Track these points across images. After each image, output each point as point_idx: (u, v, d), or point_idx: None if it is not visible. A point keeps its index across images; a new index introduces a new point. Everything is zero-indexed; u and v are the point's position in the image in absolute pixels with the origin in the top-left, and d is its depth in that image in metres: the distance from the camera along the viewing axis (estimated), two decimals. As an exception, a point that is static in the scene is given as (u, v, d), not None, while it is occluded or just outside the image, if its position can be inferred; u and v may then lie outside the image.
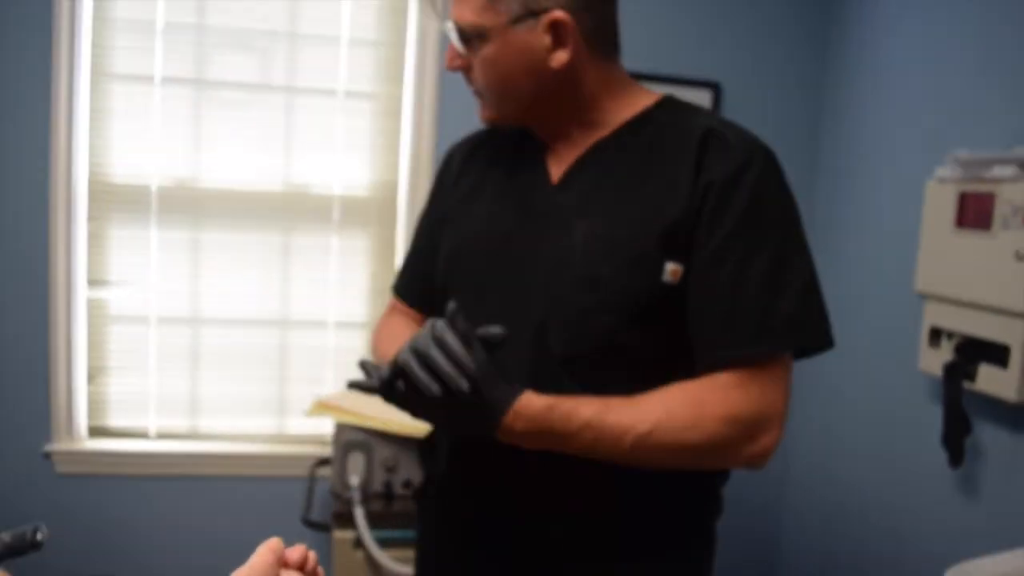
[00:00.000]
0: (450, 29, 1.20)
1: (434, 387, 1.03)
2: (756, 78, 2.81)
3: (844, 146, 2.73)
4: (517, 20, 1.16)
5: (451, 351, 1.03)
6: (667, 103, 1.25)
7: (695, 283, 1.13)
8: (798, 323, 1.12)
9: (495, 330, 1.07)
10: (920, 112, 2.36)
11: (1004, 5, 2.06)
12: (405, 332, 1.36)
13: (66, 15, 2.40)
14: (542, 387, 1.11)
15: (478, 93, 1.26)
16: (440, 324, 1.06)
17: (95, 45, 2.49)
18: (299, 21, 2.61)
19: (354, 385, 1.11)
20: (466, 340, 1.05)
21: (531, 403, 1.09)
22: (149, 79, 2.54)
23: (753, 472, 1.19)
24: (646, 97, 1.26)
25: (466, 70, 1.24)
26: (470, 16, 1.17)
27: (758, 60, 2.81)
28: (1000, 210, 1.89)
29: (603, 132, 1.23)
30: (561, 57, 1.17)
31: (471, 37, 1.19)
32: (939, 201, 2.09)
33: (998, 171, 1.90)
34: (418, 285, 1.44)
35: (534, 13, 1.15)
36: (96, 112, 2.52)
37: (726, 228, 1.11)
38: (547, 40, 1.16)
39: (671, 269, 1.13)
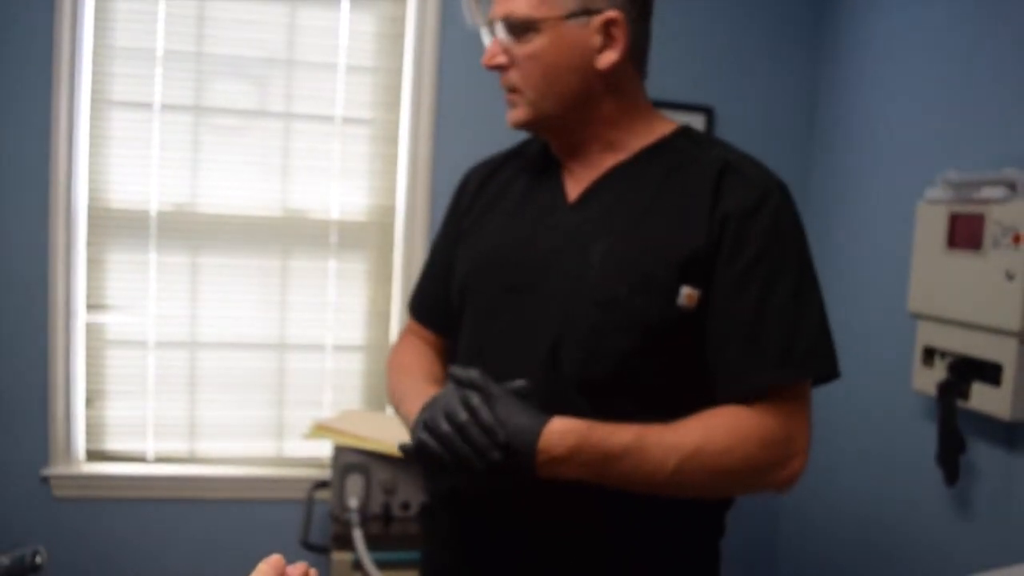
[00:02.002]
0: (496, 22, 1.20)
1: (471, 456, 1.06)
2: (749, 103, 2.84)
3: (837, 168, 2.76)
4: (571, 16, 1.18)
5: (482, 421, 1.06)
6: (685, 133, 1.28)
7: (717, 312, 1.15)
8: (816, 352, 1.16)
9: (520, 383, 1.10)
10: (910, 134, 2.39)
11: (992, 29, 2.10)
12: (418, 361, 1.40)
13: (67, 43, 2.43)
14: (553, 406, 1.11)
15: (515, 92, 1.23)
16: (470, 393, 1.09)
17: (95, 72, 2.52)
18: (297, 48, 2.64)
19: (404, 449, 1.15)
20: (489, 398, 1.09)
21: (566, 425, 1.09)
22: (148, 106, 2.56)
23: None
24: (664, 125, 1.28)
25: (505, 68, 1.23)
26: (524, 8, 1.18)
27: (750, 85, 2.84)
28: (990, 230, 1.91)
29: (621, 156, 1.25)
30: (610, 57, 1.19)
31: (521, 30, 1.18)
32: (930, 222, 2.11)
33: (987, 192, 1.93)
34: (432, 305, 1.44)
35: (588, 11, 1.18)
36: (96, 138, 2.54)
37: (746, 259, 1.14)
38: (598, 40, 1.19)
39: (686, 293, 1.14)
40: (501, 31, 1.20)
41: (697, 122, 2.77)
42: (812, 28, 2.87)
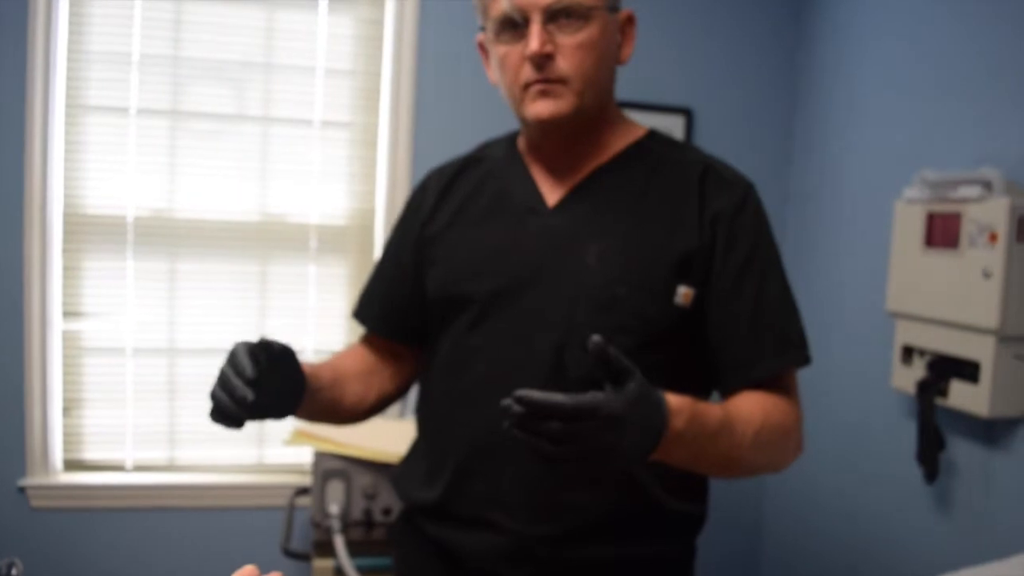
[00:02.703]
0: (550, 10, 1.17)
1: (224, 399, 1.07)
2: (728, 104, 2.86)
3: (815, 169, 2.77)
4: (612, 8, 1.22)
5: (238, 363, 1.08)
6: (655, 136, 1.32)
7: (718, 308, 1.21)
8: (804, 337, 1.26)
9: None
10: (888, 134, 2.41)
11: (969, 30, 2.12)
12: (339, 356, 1.41)
13: (41, 48, 2.41)
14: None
15: (560, 82, 1.19)
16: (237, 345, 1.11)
17: (70, 77, 2.49)
18: (274, 52, 2.63)
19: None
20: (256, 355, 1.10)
21: (676, 401, 1.04)
22: (124, 111, 2.54)
23: (730, 489, 1.23)
24: (636, 128, 1.32)
25: (548, 57, 1.19)
26: None
27: (729, 86, 2.86)
28: (967, 229, 1.93)
29: (600, 159, 1.27)
30: (628, 52, 1.26)
31: (577, 17, 1.18)
32: (908, 221, 2.13)
33: (964, 191, 1.94)
34: (389, 311, 1.42)
35: (615, 8, 1.23)
36: (71, 144, 2.51)
37: (739, 256, 1.21)
38: (619, 36, 1.24)
39: (683, 292, 1.19)
40: (548, 19, 1.17)
41: (676, 123, 2.78)
42: (790, 29, 2.88)
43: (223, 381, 1.08)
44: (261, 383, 1.06)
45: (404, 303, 1.38)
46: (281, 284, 2.69)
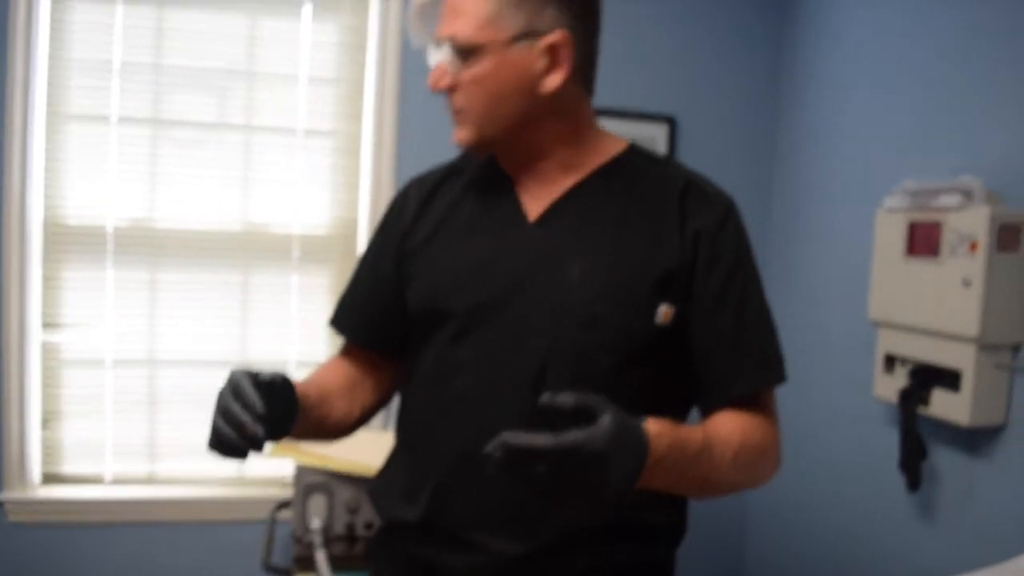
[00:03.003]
0: (440, 46, 1.19)
1: (229, 432, 1.04)
2: (711, 112, 2.87)
3: (798, 177, 2.79)
4: (516, 39, 1.16)
5: (245, 396, 1.05)
6: (636, 150, 1.30)
7: (699, 327, 1.20)
8: (782, 357, 1.25)
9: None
10: (870, 143, 2.42)
11: (949, 41, 2.14)
12: (320, 371, 1.39)
13: (21, 55, 2.39)
14: (541, 428, 1.10)
15: (459, 113, 1.22)
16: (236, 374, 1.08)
17: (51, 85, 2.48)
18: (257, 59, 2.62)
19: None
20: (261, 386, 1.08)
21: (657, 426, 1.03)
22: (105, 119, 2.52)
23: (715, 500, 1.22)
24: (615, 142, 1.30)
25: (450, 90, 1.21)
26: (468, 31, 1.16)
27: (712, 95, 2.87)
28: (947, 238, 1.94)
29: (580, 174, 1.25)
30: (554, 81, 1.18)
31: (465, 53, 1.17)
32: (889, 230, 2.13)
33: (944, 200, 1.95)
34: (363, 321, 1.40)
35: (534, 34, 1.17)
36: (51, 152, 2.49)
37: (721, 274, 1.20)
38: (543, 63, 1.17)
39: (663, 311, 1.17)
40: (446, 53, 1.19)
41: (659, 132, 2.79)
42: (772, 38, 2.90)
43: (229, 415, 1.05)
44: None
45: (383, 313, 1.36)
46: (263, 294, 2.68)
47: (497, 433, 1.02)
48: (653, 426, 1.03)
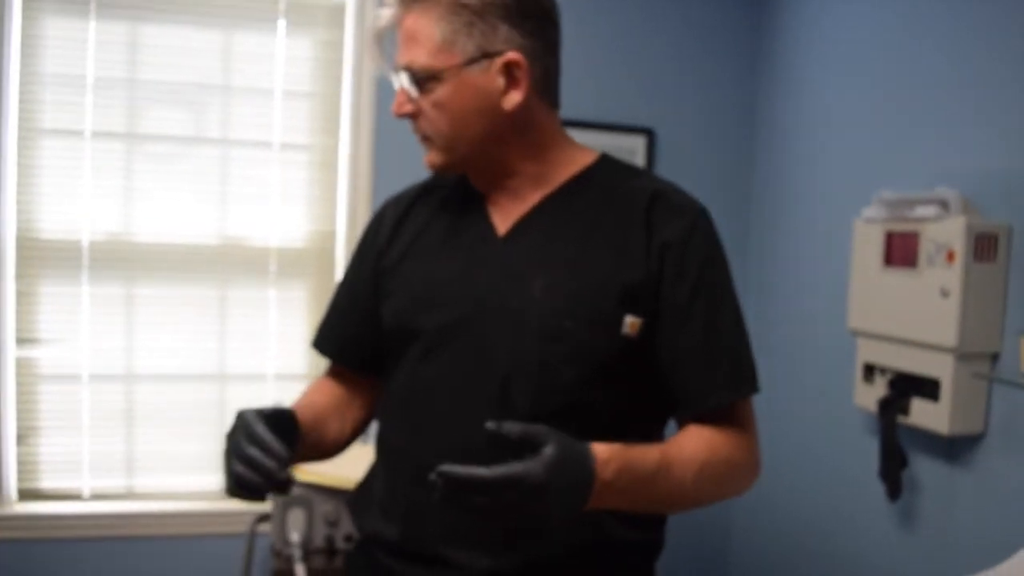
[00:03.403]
0: (400, 73, 1.20)
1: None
2: (689, 124, 2.87)
3: (776, 188, 2.79)
4: (471, 61, 1.17)
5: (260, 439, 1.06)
6: (606, 161, 1.31)
7: (669, 338, 1.19)
8: (754, 369, 1.25)
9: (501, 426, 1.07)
10: (848, 154, 2.43)
11: (925, 52, 2.14)
12: (308, 393, 1.39)
13: (-8, 70, 2.37)
14: (505, 444, 1.09)
15: (426, 139, 1.24)
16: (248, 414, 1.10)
17: (23, 100, 2.45)
18: (232, 74, 2.61)
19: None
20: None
21: (605, 451, 1.06)
22: (79, 133, 2.50)
23: (699, 509, 1.24)
24: (585, 154, 1.30)
25: (414, 116, 1.23)
26: (423, 59, 1.17)
27: (691, 106, 2.87)
28: (925, 248, 1.94)
29: (549, 188, 1.26)
30: (514, 98, 1.19)
31: (423, 80, 1.18)
32: (867, 240, 2.14)
33: (921, 211, 1.96)
34: (343, 342, 1.41)
35: (488, 55, 1.17)
36: (24, 167, 2.47)
37: (689, 285, 1.19)
38: (500, 82, 1.18)
39: (630, 322, 1.17)
40: (405, 81, 1.20)
41: (638, 144, 2.79)
42: (750, 50, 2.90)
43: (251, 462, 1.06)
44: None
45: (362, 334, 1.37)
46: (240, 308, 2.66)
47: (467, 451, 1.04)
48: (602, 451, 1.05)
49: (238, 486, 1.08)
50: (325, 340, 1.43)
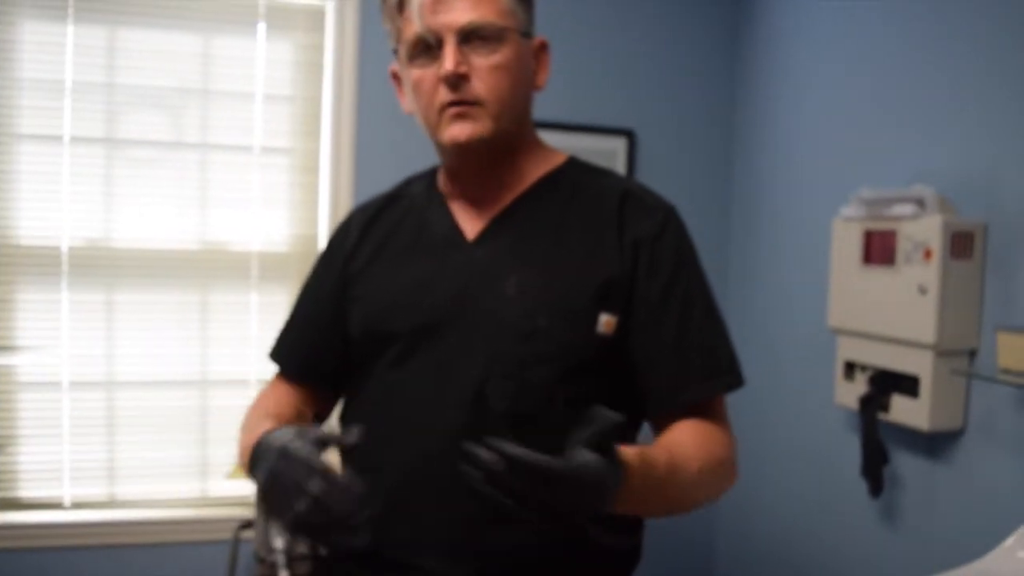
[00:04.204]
0: (457, 31, 1.15)
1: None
2: (669, 125, 2.89)
3: (755, 188, 2.81)
4: (525, 34, 1.21)
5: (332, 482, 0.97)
6: (575, 163, 1.31)
7: (643, 335, 1.19)
8: (733, 362, 1.23)
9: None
10: (826, 153, 2.45)
11: (903, 51, 2.16)
12: (265, 400, 1.33)
13: (-32, 76, 2.35)
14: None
15: (475, 104, 1.17)
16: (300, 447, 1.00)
17: (0, 105, 2.43)
18: (212, 78, 2.60)
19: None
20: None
21: (631, 454, 1.01)
22: (58, 139, 2.49)
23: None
24: (555, 155, 1.31)
25: (466, 77, 1.16)
26: (493, 16, 1.17)
27: (671, 107, 2.89)
28: (902, 246, 1.96)
29: (518, 188, 1.26)
30: (543, 78, 1.26)
31: (489, 38, 1.16)
32: (846, 239, 2.16)
33: (898, 209, 1.98)
34: (303, 355, 1.37)
35: (529, 34, 1.23)
36: (2, 173, 2.45)
37: (662, 281, 1.19)
38: (533, 62, 1.24)
39: (604, 320, 1.17)
40: (461, 40, 1.16)
41: (619, 145, 2.80)
42: (729, 51, 2.92)
43: (326, 509, 0.96)
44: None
45: (324, 346, 1.33)
46: (222, 313, 2.65)
47: (442, 453, 1.04)
48: (629, 455, 1.00)
49: (308, 529, 0.99)
50: (286, 355, 1.38)
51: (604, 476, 0.93)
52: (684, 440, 1.15)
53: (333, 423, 1.40)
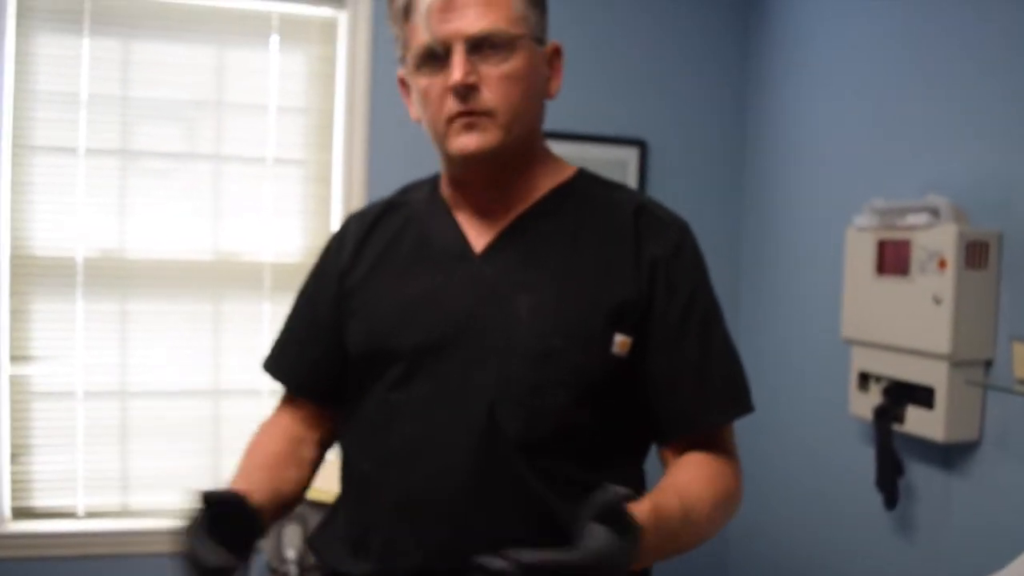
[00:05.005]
0: (466, 40, 1.11)
1: None
2: (682, 135, 2.88)
3: (767, 199, 2.80)
4: (538, 40, 1.17)
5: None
6: (585, 175, 1.27)
7: (661, 357, 1.15)
8: (748, 386, 1.21)
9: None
10: (839, 163, 2.44)
11: (915, 62, 2.16)
12: (261, 439, 1.29)
13: (-15, 88, 2.37)
14: (493, 476, 1.06)
15: (485, 115, 1.12)
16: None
17: (16, 117, 2.46)
18: (226, 90, 2.62)
19: None
20: None
21: (642, 511, 0.98)
22: (73, 150, 2.51)
23: None
24: (565, 168, 1.26)
25: (475, 87, 1.12)
26: (504, 24, 1.12)
27: (683, 118, 2.88)
28: (916, 256, 1.95)
29: (528, 201, 1.21)
30: (557, 85, 1.21)
31: (500, 46, 1.12)
32: (859, 249, 2.15)
33: (912, 219, 1.96)
34: (302, 370, 1.32)
35: (542, 40, 1.19)
36: (17, 184, 2.47)
37: (681, 303, 1.16)
38: (546, 69, 1.19)
39: (619, 341, 1.12)
40: (471, 49, 1.11)
41: (631, 155, 2.80)
42: (740, 61, 2.92)
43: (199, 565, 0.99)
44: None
45: (321, 361, 1.28)
46: (235, 323, 2.66)
47: (448, 482, 1.04)
48: (642, 515, 0.97)
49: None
50: (281, 368, 1.34)
51: (619, 555, 0.90)
52: (693, 479, 1.12)
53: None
